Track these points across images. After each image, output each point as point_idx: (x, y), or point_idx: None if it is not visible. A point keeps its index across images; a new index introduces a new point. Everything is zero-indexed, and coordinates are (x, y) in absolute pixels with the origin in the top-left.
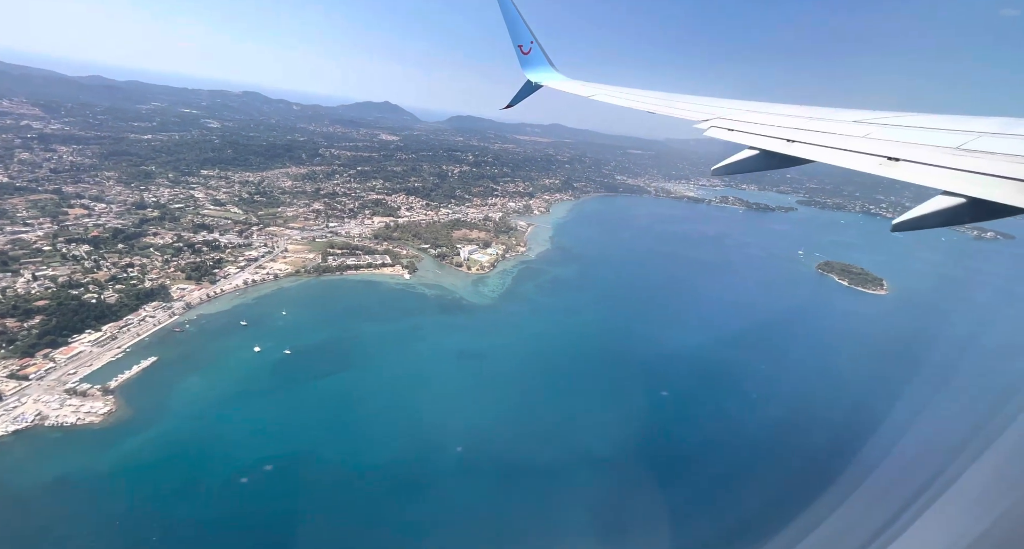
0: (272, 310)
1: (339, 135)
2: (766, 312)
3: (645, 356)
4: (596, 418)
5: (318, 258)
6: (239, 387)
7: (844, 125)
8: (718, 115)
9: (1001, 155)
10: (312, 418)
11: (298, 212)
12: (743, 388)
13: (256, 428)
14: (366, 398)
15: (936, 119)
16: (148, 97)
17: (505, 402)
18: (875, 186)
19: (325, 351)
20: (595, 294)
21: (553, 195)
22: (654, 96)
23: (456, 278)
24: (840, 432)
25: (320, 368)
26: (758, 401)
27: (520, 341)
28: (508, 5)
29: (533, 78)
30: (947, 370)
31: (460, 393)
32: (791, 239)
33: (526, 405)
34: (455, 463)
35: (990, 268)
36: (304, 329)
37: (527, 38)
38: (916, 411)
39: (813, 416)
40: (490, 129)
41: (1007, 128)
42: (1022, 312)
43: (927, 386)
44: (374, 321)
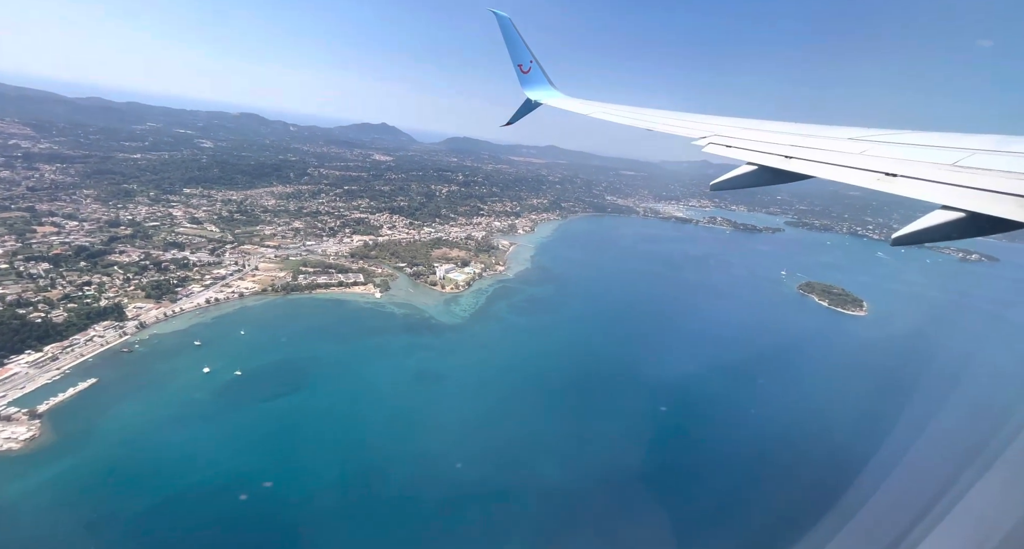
0: (230, 329)
1: (332, 155)
2: (741, 332)
3: (614, 377)
4: (555, 442)
5: (288, 276)
6: (179, 410)
7: (840, 142)
8: (715, 132)
9: (997, 171)
10: (250, 443)
11: (276, 230)
12: (709, 410)
13: (186, 454)
14: (312, 421)
15: (930, 136)
16: (145, 118)
17: (459, 425)
18: (864, 208)
19: (278, 372)
20: (569, 314)
21: (540, 215)
22: (652, 114)
23: (428, 297)
24: (808, 455)
25: (270, 390)
26: (723, 423)
27: (485, 362)
28: (508, 26)
29: (532, 96)
30: (921, 390)
31: (412, 416)
32: (775, 259)
33: (482, 428)
34: (398, 489)
35: (971, 289)
36: (260, 349)
37: (527, 58)
38: (888, 431)
39: (778, 437)
40: (485, 150)
41: (1001, 145)
42: (997, 333)
43: (900, 405)
44: (335, 341)
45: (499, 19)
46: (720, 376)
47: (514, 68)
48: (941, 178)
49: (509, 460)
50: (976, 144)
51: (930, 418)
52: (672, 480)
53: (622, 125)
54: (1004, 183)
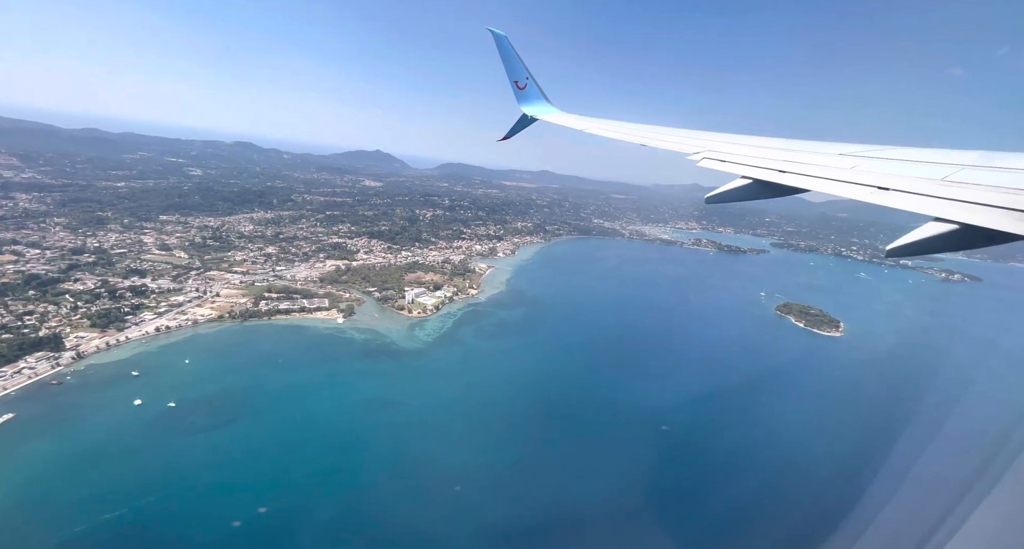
0: (175, 358)
1: (322, 181)
2: (712, 354)
3: (577, 402)
4: (503, 474)
5: (249, 302)
6: (96, 447)
7: (831, 157)
8: (708, 147)
9: (985, 186)
10: (167, 481)
11: (248, 256)
12: (663, 437)
13: (93, 495)
14: (239, 456)
15: (918, 152)
16: (138, 147)
17: (399, 457)
18: (851, 229)
19: (216, 403)
20: (537, 338)
21: (523, 238)
22: (646, 129)
23: (393, 322)
24: (758, 479)
25: (202, 422)
26: (676, 449)
27: (440, 389)
28: (504, 43)
29: (529, 112)
30: (887, 410)
31: (350, 447)
32: (756, 281)
33: (424, 461)
34: (322, 530)
35: (950, 310)
36: (202, 379)
37: (522, 74)
38: (847, 451)
39: (730, 464)
40: (478, 175)
41: (987, 161)
42: (971, 352)
43: (861, 425)
44: (285, 369)
45: (495, 37)
46: (682, 400)
47: (510, 84)
48: (932, 192)
49: (448, 497)
50: (963, 160)
51: (893, 439)
52: (635, 507)
53: (615, 148)
54: (993, 197)
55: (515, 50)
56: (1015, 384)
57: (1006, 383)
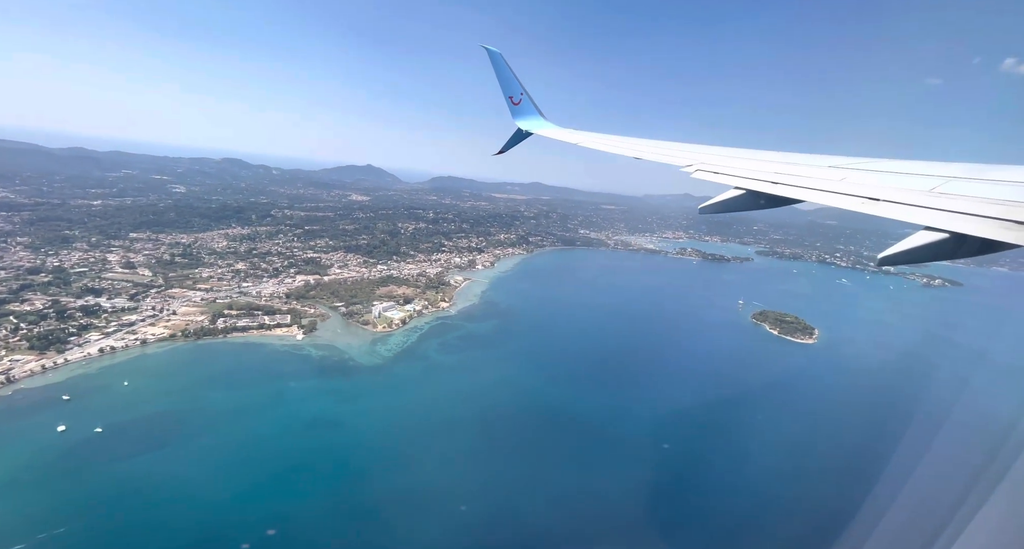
0: (113, 381)
1: (307, 196)
2: (681, 365)
3: (536, 415)
4: (447, 498)
5: (206, 320)
6: (6, 476)
7: (822, 170)
8: (701, 160)
9: (973, 197)
10: (79, 510)
11: (216, 272)
12: (615, 449)
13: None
14: (161, 483)
15: (906, 164)
16: (123, 166)
17: (336, 482)
18: (837, 236)
19: (147, 427)
20: (503, 351)
21: (505, 250)
22: (639, 143)
23: (356, 337)
24: (712, 492)
25: (129, 448)
26: (633, 459)
27: (392, 406)
28: (499, 60)
29: (524, 126)
30: (849, 415)
31: (284, 472)
32: (736, 289)
33: (366, 486)
34: None
35: (926, 315)
36: (138, 402)
37: (517, 90)
38: (798, 459)
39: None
40: (469, 188)
41: (974, 173)
42: (942, 357)
43: (821, 433)
44: (231, 388)
45: (490, 54)
46: (638, 410)
47: (505, 100)
48: (921, 202)
49: (383, 526)
50: (950, 172)
51: (850, 446)
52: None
53: (609, 161)
54: (982, 207)
55: (510, 67)
56: (984, 387)
57: (974, 387)
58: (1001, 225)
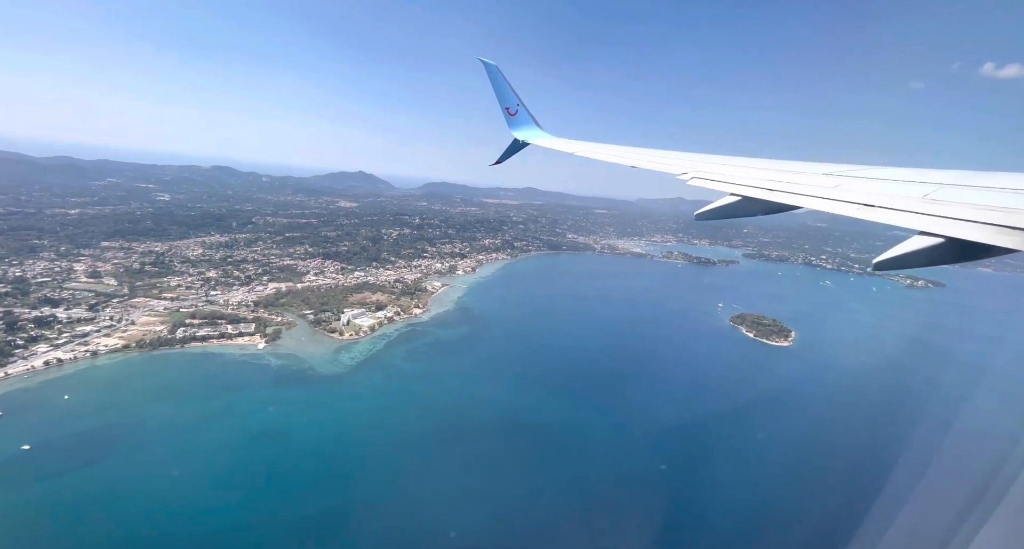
0: (53, 395)
1: (295, 203)
2: (651, 369)
3: (495, 426)
4: (389, 516)
5: (166, 330)
6: None
7: (816, 177)
8: (696, 168)
9: (965, 204)
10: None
11: (186, 281)
12: (579, 448)
13: None
14: (86, 501)
15: (899, 171)
16: (108, 174)
17: (276, 497)
18: (826, 239)
19: (81, 443)
20: (470, 358)
21: (489, 255)
22: (635, 152)
23: (320, 346)
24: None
25: (56, 466)
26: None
27: (346, 416)
28: (495, 72)
29: (520, 136)
30: (817, 416)
31: (221, 487)
32: (718, 292)
33: (303, 501)
34: None
35: (906, 316)
36: (75, 416)
37: (513, 101)
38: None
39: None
40: (462, 194)
41: (965, 180)
42: (916, 360)
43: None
44: (177, 401)
45: (486, 66)
46: (606, 418)
47: (501, 111)
48: (915, 208)
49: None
50: (942, 179)
51: (811, 449)
52: None
53: (603, 165)
54: (975, 213)
55: (505, 78)
56: (953, 388)
57: (944, 387)
58: (994, 230)
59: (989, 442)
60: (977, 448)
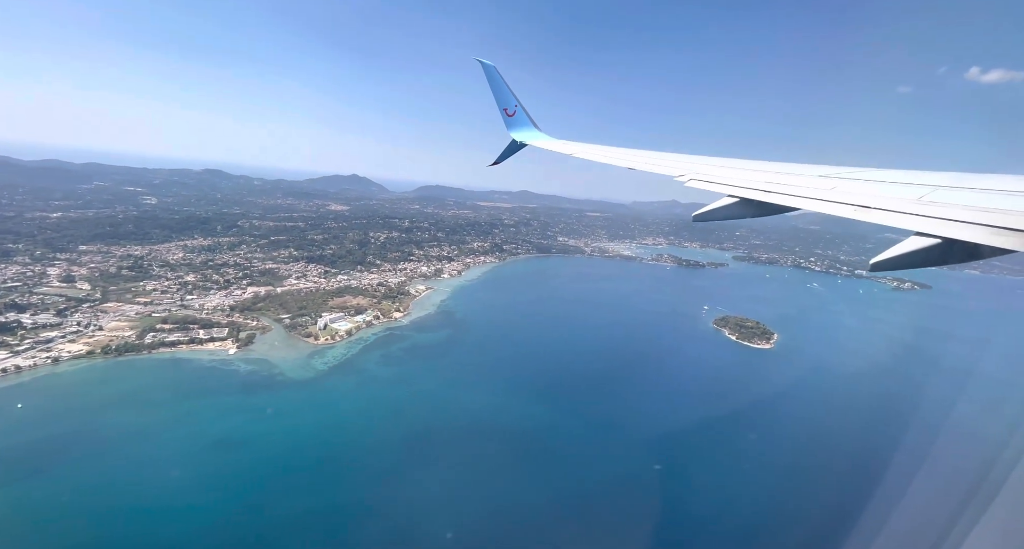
0: (6, 403)
1: (284, 206)
2: (630, 373)
3: (464, 431)
4: (345, 530)
5: (134, 335)
6: None
7: (812, 179)
8: (693, 170)
9: (960, 205)
10: None
11: (163, 285)
12: (541, 453)
13: None
14: (26, 513)
15: (894, 173)
16: (96, 178)
17: (229, 505)
18: (817, 242)
19: (29, 452)
20: (446, 361)
21: (477, 258)
22: (632, 153)
23: (294, 350)
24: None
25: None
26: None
27: (311, 422)
28: (493, 73)
29: (518, 138)
30: (794, 419)
31: (172, 497)
32: (704, 294)
33: (258, 511)
34: None
35: (889, 318)
36: (26, 425)
37: (511, 102)
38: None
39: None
40: (456, 197)
41: (959, 182)
42: (895, 361)
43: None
44: (136, 408)
45: (484, 67)
46: (578, 421)
47: (499, 112)
48: (911, 210)
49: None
50: (936, 181)
51: (779, 450)
52: None
53: (598, 169)
54: (970, 214)
55: (503, 79)
56: (931, 389)
57: (921, 388)
58: (990, 231)
59: (969, 444)
60: (956, 450)
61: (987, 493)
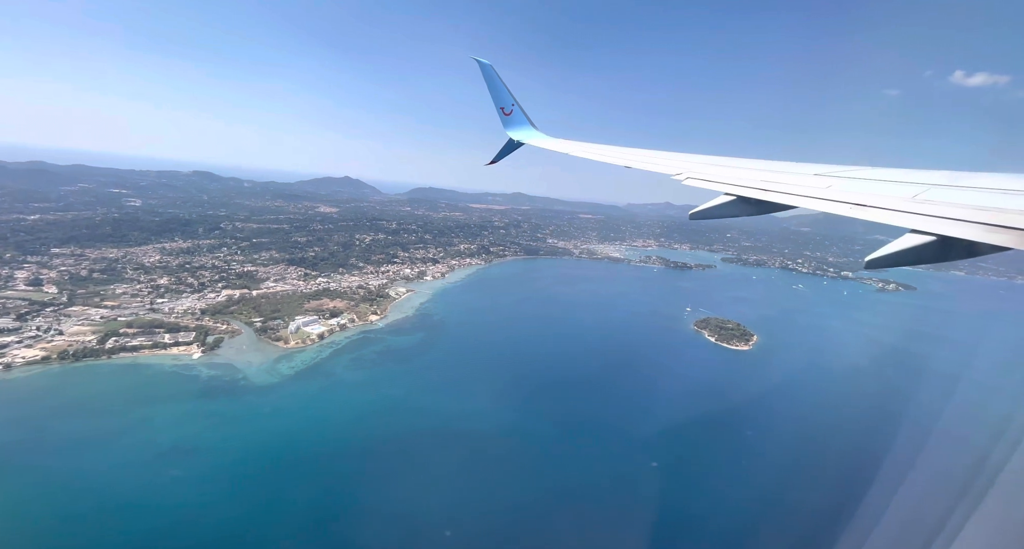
0: None
1: (272, 208)
2: (602, 375)
3: (427, 436)
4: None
5: (95, 340)
6: None
7: (808, 178)
8: (690, 168)
9: (954, 203)
10: None
11: (132, 288)
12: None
13: None
14: None
15: (888, 172)
16: (81, 180)
17: (172, 516)
18: (806, 243)
19: None
20: (417, 365)
21: (463, 260)
22: (628, 152)
23: (261, 355)
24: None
25: None
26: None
27: (267, 429)
28: (490, 72)
29: (515, 137)
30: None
31: (110, 509)
32: (688, 296)
33: (200, 523)
34: None
35: (871, 319)
36: None
37: (508, 101)
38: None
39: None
40: (448, 199)
41: (953, 180)
42: (871, 362)
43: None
44: (88, 415)
45: (481, 66)
46: (542, 424)
47: (496, 111)
48: (906, 208)
49: None
50: (930, 179)
51: (737, 454)
52: None
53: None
54: (965, 213)
55: (500, 78)
56: (905, 390)
57: (897, 389)
58: (984, 229)
59: (942, 445)
60: (928, 451)
61: (974, 496)
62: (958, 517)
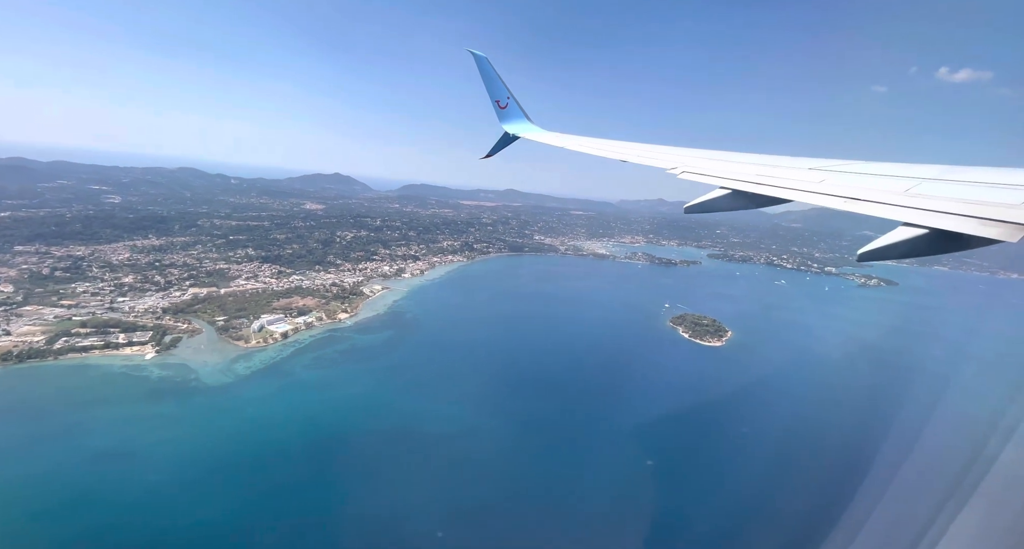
0: None
1: (256, 205)
2: (570, 372)
3: (381, 438)
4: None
5: (43, 340)
6: None
7: (802, 172)
8: (686, 163)
9: (946, 197)
10: None
11: (95, 287)
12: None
13: None
14: None
15: (881, 166)
16: (61, 176)
17: (94, 523)
18: (795, 239)
19: None
20: (381, 364)
21: (445, 257)
22: (625, 146)
23: (219, 354)
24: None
25: None
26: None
27: (213, 431)
28: (485, 64)
29: (510, 130)
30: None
31: (22, 517)
32: (668, 292)
33: (119, 529)
34: None
35: (848, 314)
36: None
37: (503, 94)
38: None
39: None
40: (439, 196)
41: (945, 175)
42: (843, 358)
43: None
44: (21, 419)
45: (476, 59)
46: (501, 423)
47: (492, 104)
48: (898, 202)
49: None
50: (922, 173)
51: (692, 450)
52: None
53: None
54: (956, 206)
55: (496, 71)
56: (878, 386)
57: (870, 384)
58: (976, 222)
59: (922, 441)
60: (891, 447)
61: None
62: (943, 517)
